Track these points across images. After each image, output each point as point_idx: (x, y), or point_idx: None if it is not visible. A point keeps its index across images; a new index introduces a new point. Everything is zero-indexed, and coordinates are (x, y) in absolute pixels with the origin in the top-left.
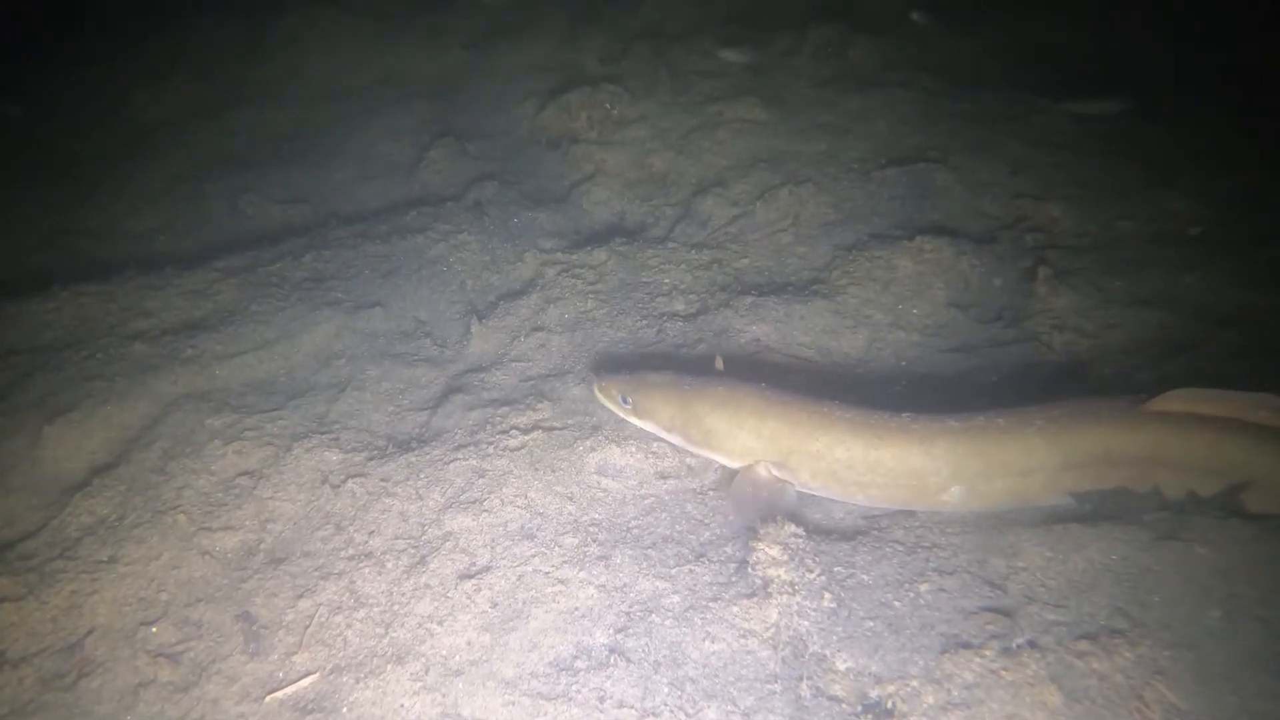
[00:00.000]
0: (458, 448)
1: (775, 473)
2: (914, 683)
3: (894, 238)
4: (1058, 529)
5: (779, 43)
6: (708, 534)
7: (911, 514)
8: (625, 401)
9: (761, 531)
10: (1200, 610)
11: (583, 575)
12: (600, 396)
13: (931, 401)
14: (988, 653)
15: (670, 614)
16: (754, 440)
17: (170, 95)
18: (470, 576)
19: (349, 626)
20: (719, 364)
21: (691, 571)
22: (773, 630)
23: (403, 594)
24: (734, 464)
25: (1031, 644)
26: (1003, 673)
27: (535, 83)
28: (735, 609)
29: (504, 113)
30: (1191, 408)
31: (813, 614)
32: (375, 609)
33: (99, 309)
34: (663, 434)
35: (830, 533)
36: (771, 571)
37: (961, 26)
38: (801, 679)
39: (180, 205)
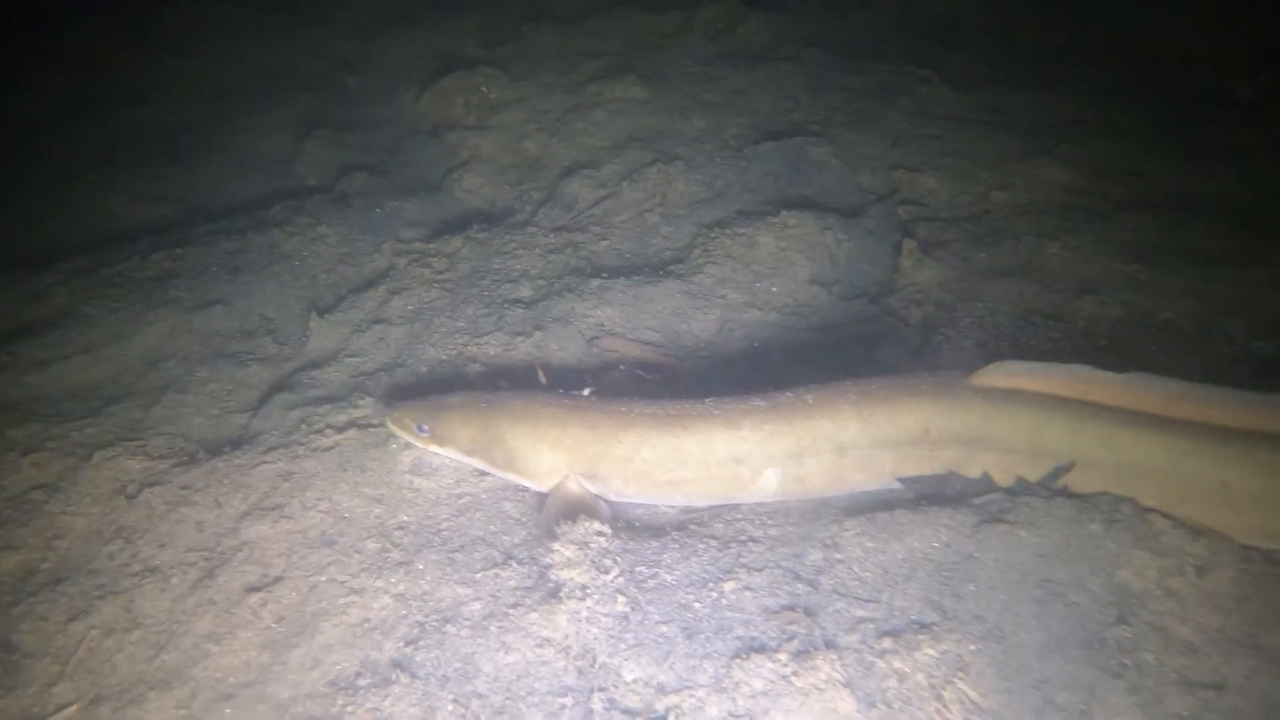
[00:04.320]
0: (268, 450)
1: (588, 486)
2: (700, 692)
3: (761, 214)
4: (881, 516)
5: (669, 21)
6: (523, 533)
7: (736, 507)
8: (421, 430)
9: (560, 530)
10: (1014, 598)
11: (379, 584)
12: (394, 428)
13: (774, 384)
14: (781, 657)
15: (468, 623)
16: (558, 453)
17: (48, 94)
18: (259, 589)
19: (119, 650)
20: (541, 376)
21: (497, 576)
22: (568, 639)
23: (184, 611)
24: (544, 486)
25: (829, 644)
26: (794, 678)
27: (421, 70)
28: (534, 616)
29: (388, 102)
30: (1014, 383)
31: (604, 619)
32: (151, 630)
33: None
34: (467, 460)
35: (644, 529)
36: (565, 574)
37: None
38: (594, 691)
39: (45, 207)
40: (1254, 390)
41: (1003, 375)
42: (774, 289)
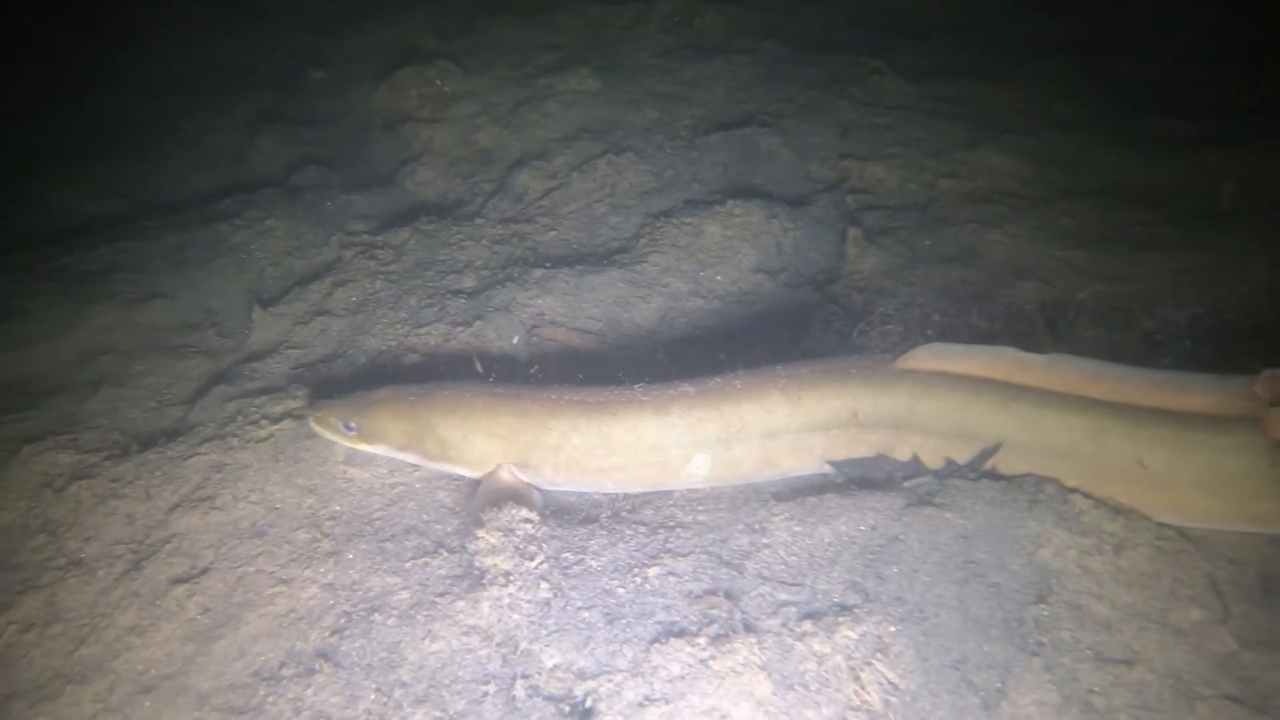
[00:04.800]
0: (202, 442)
1: (520, 475)
2: (618, 677)
3: (709, 203)
4: (810, 500)
5: (627, 13)
6: (456, 522)
7: (668, 494)
8: (349, 428)
9: (485, 517)
10: (937, 580)
11: (308, 574)
12: (319, 429)
13: (715, 370)
14: (700, 640)
15: (395, 612)
16: (490, 442)
17: (3, 87)
18: (185, 581)
19: (38, 645)
20: (477, 365)
21: (427, 565)
22: (492, 626)
23: (108, 604)
24: (480, 474)
25: (748, 628)
26: (711, 662)
27: (378, 63)
28: (461, 604)
29: (344, 96)
30: (940, 365)
31: (526, 606)
32: (73, 624)
33: None
34: (398, 455)
35: (574, 515)
36: (489, 560)
37: None
38: (516, 678)
39: None
40: (1171, 370)
41: (929, 358)
42: (718, 277)
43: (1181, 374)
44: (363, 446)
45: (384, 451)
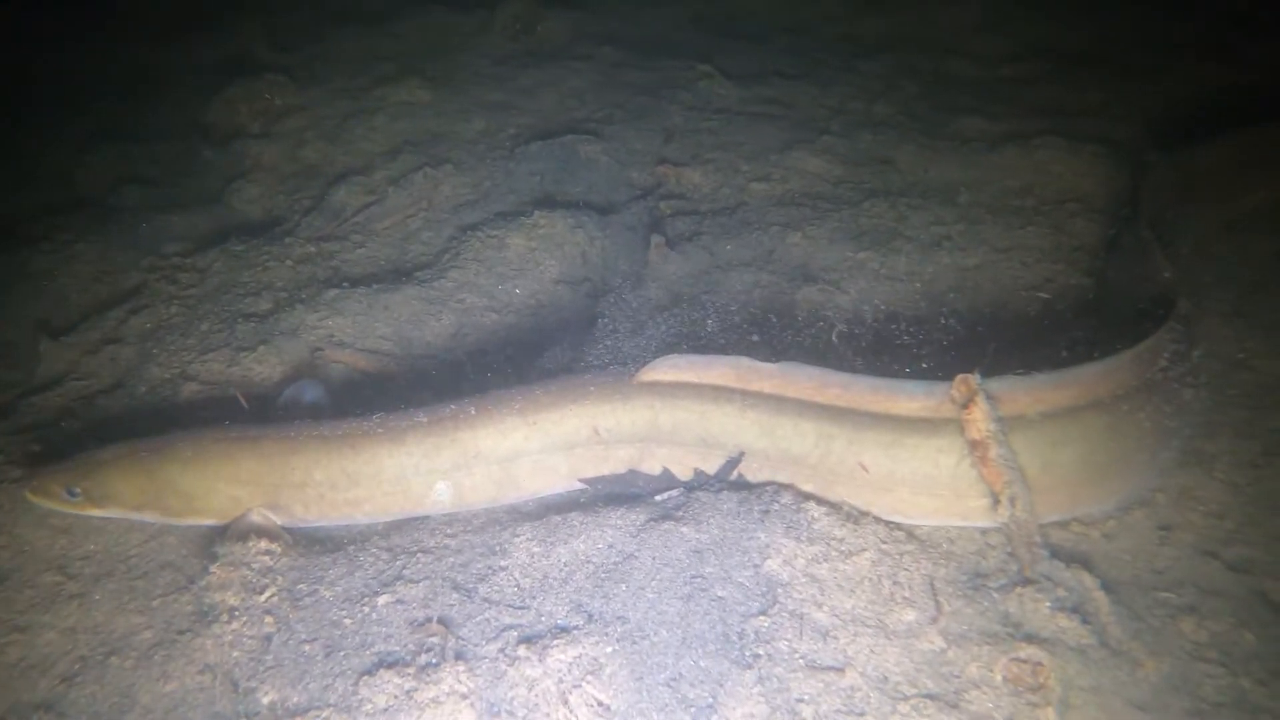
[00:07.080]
0: None
1: (272, 517)
2: (326, 712)
3: (517, 215)
4: (554, 520)
5: (472, 21)
6: None
7: (424, 518)
8: (72, 494)
9: (220, 551)
10: (662, 596)
11: (48, 619)
12: (36, 500)
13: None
14: (410, 671)
15: (134, 653)
16: (236, 489)
17: None
18: None
19: None
20: (243, 401)
21: (175, 602)
22: (217, 664)
23: None
24: (228, 524)
25: (459, 655)
26: (415, 693)
27: (217, 76)
28: (198, 641)
29: (181, 110)
30: (680, 376)
31: (248, 641)
32: None
33: None
34: (135, 516)
35: (321, 543)
36: (217, 596)
37: None
38: (241, 716)
39: None
40: (888, 376)
41: (668, 370)
42: (517, 290)
43: (897, 381)
44: (92, 512)
45: (117, 514)
